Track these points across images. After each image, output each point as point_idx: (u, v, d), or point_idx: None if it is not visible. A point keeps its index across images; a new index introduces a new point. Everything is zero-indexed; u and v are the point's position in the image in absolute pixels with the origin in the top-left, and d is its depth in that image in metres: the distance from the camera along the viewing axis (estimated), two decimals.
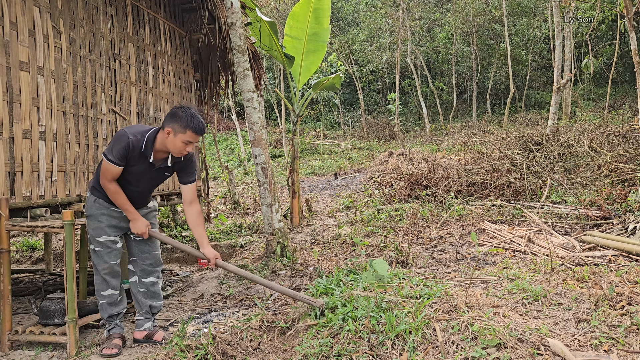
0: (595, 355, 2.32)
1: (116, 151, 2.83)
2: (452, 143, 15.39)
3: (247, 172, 16.89)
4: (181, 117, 2.85)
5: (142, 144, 2.88)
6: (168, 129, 2.86)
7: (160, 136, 2.92)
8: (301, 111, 7.44)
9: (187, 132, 2.84)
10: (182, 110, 2.88)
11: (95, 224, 3.02)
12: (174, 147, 2.88)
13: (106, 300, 3.09)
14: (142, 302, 3.23)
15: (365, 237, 5.82)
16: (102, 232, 3.01)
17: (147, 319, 3.24)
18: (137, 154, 2.89)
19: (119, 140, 2.85)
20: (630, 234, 4.50)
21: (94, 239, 3.02)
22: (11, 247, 6.15)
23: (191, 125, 2.84)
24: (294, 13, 7.00)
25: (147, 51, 5.10)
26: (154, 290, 3.25)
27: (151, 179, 3.06)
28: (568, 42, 13.53)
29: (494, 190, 7.23)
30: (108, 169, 2.87)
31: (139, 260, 3.21)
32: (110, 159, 2.84)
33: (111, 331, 3.14)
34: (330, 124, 26.97)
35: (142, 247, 3.20)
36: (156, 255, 3.25)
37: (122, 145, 2.83)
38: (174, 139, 2.86)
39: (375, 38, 24.77)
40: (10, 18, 3.29)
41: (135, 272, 3.23)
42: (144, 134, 2.90)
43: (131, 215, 3.01)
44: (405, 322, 2.62)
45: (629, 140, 8.04)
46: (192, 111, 2.89)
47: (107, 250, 3.02)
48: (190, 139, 2.86)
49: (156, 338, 3.15)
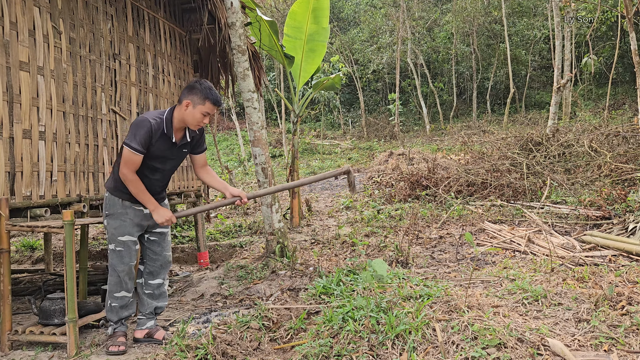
0: (595, 355, 2.32)
1: (139, 137, 2.85)
2: (452, 143, 15.39)
3: (247, 172, 16.88)
4: (200, 89, 2.92)
5: (163, 124, 2.94)
6: (187, 101, 2.92)
7: (177, 111, 2.97)
8: (301, 111, 7.43)
9: (206, 103, 2.92)
10: (200, 83, 2.95)
11: (118, 223, 3.02)
12: (193, 119, 2.94)
13: (119, 302, 3.08)
14: (148, 303, 3.24)
15: (365, 237, 5.82)
16: (126, 231, 3.03)
17: (149, 318, 3.25)
18: (160, 136, 2.94)
19: (141, 125, 2.87)
20: (630, 234, 4.50)
21: (115, 239, 3.02)
22: (11, 247, 6.15)
23: (210, 97, 2.92)
24: (292, 13, 7.00)
25: (147, 51, 5.10)
26: (160, 291, 3.28)
27: (174, 157, 3.11)
28: (568, 42, 13.53)
29: (494, 190, 7.23)
30: (131, 158, 2.87)
31: (149, 261, 3.23)
32: (134, 146, 2.84)
33: (116, 329, 3.13)
34: (330, 124, 26.96)
35: (155, 248, 3.22)
36: (167, 256, 3.27)
37: (145, 130, 2.86)
38: (193, 110, 2.92)
39: (376, 38, 24.77)
40: (10, 18, 3.29)
41: (142, 274, 3.25)
42: (161, 116, 2.96)
43: (152, 205, 3.01)
44: (405, 322, 2.62)
45: (629, 140, 8.04)
46: (209, 84, 2.97)
47: (128, 251, 3.04)
48: (209, 110, 2.94)
49: (157, 336, 3.16)
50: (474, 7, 22.17)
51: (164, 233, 3.25)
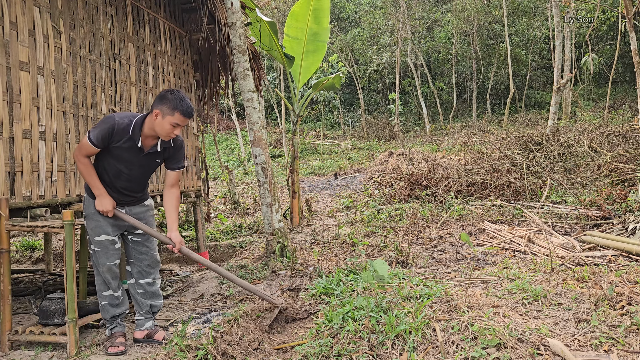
0: (595, 355, 2.32)
1: (98, 132, 2.85)
2: (452, 143, 15.39)
3: (247, 172, 16.89)
4: (170, 99, 2.85)
5: (130, 127, 2.89)
6: (157, 111, 2.86)
7: (148, 120, 2.92)
8: (301, 111, 7.43)
9: (176, 114, 2.85)
10: (171, 93, 2.89)
11: (93, 224, 3.02)
12: (162, 129, 2.88)
13: (107, 301, 3.10)
14: (142, 303, 3.24)
15: (365, 237, 5.82)
16: (101, 231, 3.01)
17: (147, 318, 3.25)
18: (126, 138, 2.90)
19: (105, 121, 2.87)
20: (630, 234, 4.50)
21: (93, 239, 3.02)
22: (11, 247, 6.15)
23: (179, 108, 2.85)
24: (293, 13, 7.00)
25: (147, 51, 5.10)
26: (153, 290, 3.26)
27: (141, 165, 3.04)
28: (568, 42, 13.54)
29: (494, 190, 7.23)
30: (85, 146, 2.89)
31: (136, 262, 3.22)
32: (91, 137, 2.85)
33: (113, 330, 3.14)
34: (330, 124, 26.96)
35: (140, 248, 3.20)
36: (154, 256, 3.25)
37: (106, 127, 2.84)
38: (162, 121, 2.87)
39: (376, 38, 24.77)
40: (10, 18, 3.29)
41: (132, 274, 3.24)
42: (131, 118, 2.91)
43: (97, 191, 2.97)
44: (405, 322, 2.62)
45: (629, 140, 8.04)
46: (181, 94, 2.90)
47: (105, 251, 3.02)
48: (178, 122, 2.87)
49: (157, 337, 3.16)
50: (474, 7, 22.17)
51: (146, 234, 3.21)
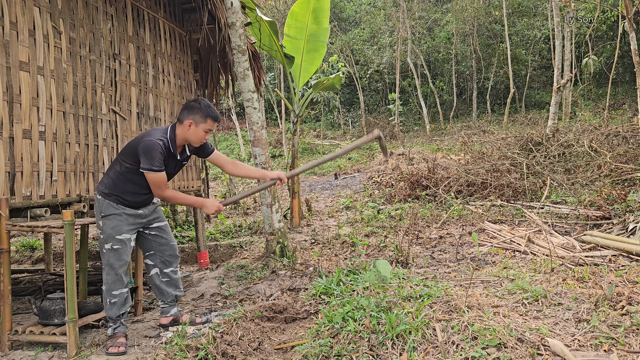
0: (595, 355, 2.31)
1: (157, 160, 3.00)
2: (452, 143, 15.39)
3: None
4: (199, 108, 3.07)
5: (169, 143, 3.09)
6: (189, 121, 3.07)
7: (180, 130, 3.12)
8: (301, 111, 7.43)
9: (208, 121, 3.09)
10: (198, 102, 3.10)
11: (114, 222, 3.13)
12: (196, 136, 3.10)
13: (117, 299, 3.18)
14: (168, 292, 3.42)
15: (365, 237, 5.82)
16: (123, 230, 3.15)
17: (172, 306, 3.45)
18: (167, 154, 3.09)
19: (154, 149, 2.99)
20: (630, 234, 4.50)
21: (113, 238, 3.12)
22: (11, 247, 6.15)
23: (210, 114, 3.09)
24: (293, 13, 7.00)
25: (147, 51, 5.10)
26: (176, 278, 3.47)
27: (175, 167, 3.27)
28: (568, 42, 13.53)
29: (494, 190, 7.23)
30: (158, 179, 3.05)
31: (158, 252, 3.39)
32: (156, 169, 3.00)
33: (116, 330, 3.18)
34: (330, 124, 26.96)
35: (159, 240, 3.38)
36: (174, 246, 3.45)
37: (159, 152, 3.00)
38: (195, 129, 3.08)
39: (376, 38, 24.77)
40: (10, 18, 3.29)
41: (155, 265, 3.40)
42: (165, 135, 3.09)
43: (199, 203, 3.22)
44: (406, 322, 2.62)
45: (629, 140, 8.04)
46: (207, 101, 3.13)
47: (125, 248, 3.16)
48: (210, 127, 3.11)
49: (184, 319, 3.36)
50: (474, 7, 22.17)
51: (161, 226, 3.40)
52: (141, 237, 3.36)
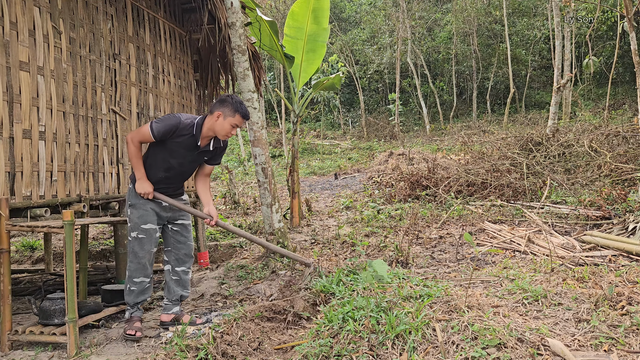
0: (595, 355, 2.31)
1: (162, 126, 3.09)
2: (452, 143, 15.39)
3: (247, 172, 16.88)
4: (231, 102, 3.16)
5: (193, 128, 3.17)
6: (218, 112, 3.16)
7: (208, 120, 3.19)
8: (301, 111, 7.43)
9: (236, 116, 3.17)
10: (231, 97, 3.20)
11: (141, 212, 3.24)
12: (222, 129, 3.18)
13: (137, 287, 3.28)
14: (174, 290, 3.48)
15: (365, 237, 5.82)
16: (148, 220, 3.25)
17: (174, 304, 3.49)
18: (188, 135, 3.17)
19: (170, 119, 3.11)
20: (630, 234, 4.50)
21: (138, 227, 3.23)
22: (11, 247, 6.15)
23: (240, 110, 3.17)
24: (292, 13, 7.00)
25: (147, 51, 5.10)
26: (186, 278, 3.52)
27: (192, 160, 3.34)
28: (568, 42, 13.54)
29: (494, 190, 7.23)
30: (144, 133, 3.12)
31: (174, 249, 3.46)
32: (153, 128, 3.09)
33: (133, 314, 3.32)
34: (330, 124, 26.96)
35: (179, 237, 3.47)
36: (190, 246, 3.52)
37: (171, 124, 3.10)
38: (223, 122, 3.16)
39: (376, 39, 24.77)
40: (10, 18, 3.29)
41: (169, 261, 3.47)
42: (194, 119, 3.20)
43: (139, 174, 3.22)
44: (405, 322, 2.62)
45: (629, 140, 8.04)
46: (239, 99, 3.23)
47: (150, 238, 3.25)
48: (238, 123, 3.19)
49: (184, 320, 3.38)
50: (474, 7, 22.17)
51: (185, 224, 3.50)
52: (164, 232, 3.46)
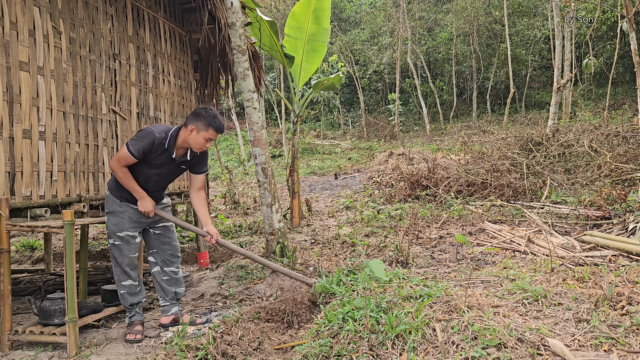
0: (595, 355, 2.31)
1: (139, 146, 3.09)
2: (452, 143, 15.39)
3: (247, 172, 16.88)
4: (204, 116, 3.15)
5: (166, 141, 3.16)
6: (192, 126, 3.15)
7: (182, 133, 3.20)
8: (301, 111, 7.43)
9: (210, 130, 3.15)
10: (205, 110, 3.18)
11: (117, 220, 3.26)
12: (196, 143, 3.18)
13: (126, 290, 3.32)
14: (167, 290, 3.50)
15: (365, 237, 5.82)
16: (123, 228, 3.26)
17: (172, 304, 3.50)
18: (161, 150, 3.17)
19: (146, 137, 3.11)
20: (630, 234, 4.50)
21: (114, 234, 3.26)
22: (11, 247, 6.15)
23: (213, 125, 3.15)
24: (293, 13, 7.00)
25: (147, 51, 5.10)
26: (177, 277, 3.54)
27: (170, 172, 3.34)
28: (568, 42, 13.53)
29: (494, 190, 7.23)
30: (125, 157, 3.12)
31: (160, 251, 3.48)
32: (131, 150, 3.10)
33: (132, 318, 3.35)
34: (330, 124, 26.95)
35: (162, 239, 3.49)
36: (175, 246, 3.54)
37: (147, 142, 3.10)
38: (196, 136, 3.16)
39: (376, 39, 24.76)
40: (10, 18, 3.29)
41: (157, 263, 3.49)
42: (167, 132, 3.19)
43: (139, 195, 3.24)
44: (405, 322, 2.62)
45: (629, 140, 8.04)
46: (214, 112, 3.21)
47: (127, 245, 3.27)
48: (212, 137, 3.18)
49: (184, 320, 3.38)
50: (475, 7, 22.17)
51: (167, 226, 3.51)
52: (146, 235, 3.48)
